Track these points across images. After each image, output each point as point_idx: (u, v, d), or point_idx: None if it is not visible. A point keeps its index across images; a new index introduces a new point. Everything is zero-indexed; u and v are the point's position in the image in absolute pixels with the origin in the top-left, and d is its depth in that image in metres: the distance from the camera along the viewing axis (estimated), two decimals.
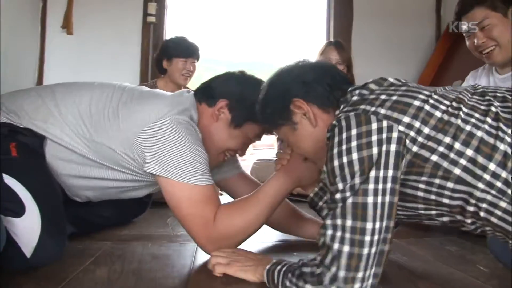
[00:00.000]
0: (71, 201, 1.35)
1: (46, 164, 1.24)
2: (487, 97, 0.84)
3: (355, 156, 0.80)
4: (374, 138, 0.79)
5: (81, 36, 3.13)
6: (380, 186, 0.78)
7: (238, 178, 1.48)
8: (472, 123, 0.79)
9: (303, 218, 1.40)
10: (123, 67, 3.18)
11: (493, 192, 0.76)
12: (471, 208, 0.79)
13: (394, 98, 0.84)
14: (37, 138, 1.23)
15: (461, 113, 0.81)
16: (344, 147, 0.81)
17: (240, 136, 1.29)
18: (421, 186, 0.83)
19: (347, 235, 0.78)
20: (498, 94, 0.84)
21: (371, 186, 0.78)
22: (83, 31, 3.13)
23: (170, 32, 3.32)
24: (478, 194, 0.77)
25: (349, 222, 0.78)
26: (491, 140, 0.77)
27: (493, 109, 0.81)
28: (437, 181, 0.80)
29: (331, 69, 1.06)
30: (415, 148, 0.80)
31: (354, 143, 0.80)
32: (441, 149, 0.79)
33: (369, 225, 0.77)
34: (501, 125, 0.78)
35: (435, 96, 0.84)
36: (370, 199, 0.78)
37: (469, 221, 0.82)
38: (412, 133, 0.80)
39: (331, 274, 0.78)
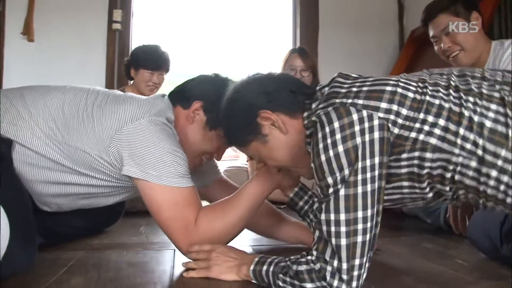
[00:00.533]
0: (39, 210, 1.28)
1: (13, 169, 1.18)
2: (445, 75, 0.89)
3: (340, 148, 0.81)
4: (357, 128, 0.81)
5: (43, 43, 3.02)
6: (369, 175, 0.80)
7: (218, 183, 1.45)
8: (439, 97, 0.83)
9: (285, 220, 1.38)
10: (88, 75, 3.09)
11: (464, 153, 0.80)
12: (448, 174, 0.83)
13: (365, 88, 0.86)
14: (4, 143, 1.16)
15: (428, 90, 0.85)
16: (329, 141, 0.82)
17: (215, 138, 1.26)
18: (403, 163, 0.85)
19: (343, 229, 0.80)
20: (455, 72, 0.89)
21: (359, 176, 0.80)
22: (45, 38, 3.02)
23: (136, 39, 3.26)
24: (454, 159, 0.81)
25: (342, 216, 0.80)
26: (457, 109, 0.81)
27: (452, 82, 0.86)
28: (416, 154, 0.83)
29: (288, 76, 1.07)
30: (396, 130, 0.83)
31: (338, 136, 0.81)
32: (417, 125, 0.82)
33: (361, 214, 0.80)
34: (462, 94, 0.83)
35: (403, 80, 0.87)
36: (360, 189, 0.80)
37: (447, 188, 0.85)
38: (392, 117, 0.82)
39: (332, 268, 0.80)
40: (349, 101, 0.84)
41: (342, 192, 0.80)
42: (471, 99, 0.82)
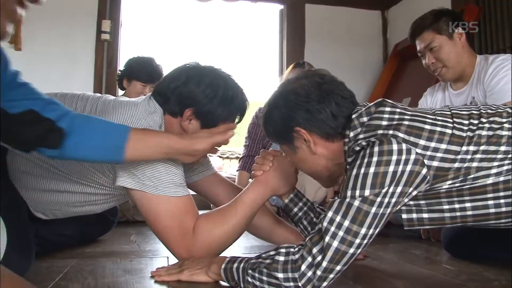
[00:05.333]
0: (33, 219, 1.28)
1: (8, 177, 1.18)
2: (462, 108, 0.98)
3: (372, 170, 0.86)
4: (394, 157, 0.86)
5: (31, 52, 3.00)
6: (386, 199, 0.86)
7: (212, 178, 1.45)
8: (478, 128, 0.91)
9: (281, 222, 1.40)
10: (76, 86, 3.08)
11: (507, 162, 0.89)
12: (490, 181, 0.89)
13: (406, 122, 0.91)
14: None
15: (463, 126, 0.92)
16: (365, 160, 0.88)
17: None
18: (444, 186, 0.91)
19: (340, 233, 0.84)
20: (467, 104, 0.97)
21: (378, 198, 0.85)
22: (33, 47, 3.01)
23: (124, 50, 3.28)
24: (495, 170, 0.89)
25: (346, 223, 0.84)
26: (490, 133, 0.90)
27: (474, 111, 0.95)
28: (461, 177, 0.90)
29: (336, 92, 1.02)
30: (435, 163, 0.89)
31: (375, 158, 0.87)
32: (459, 156, 0.89)
33: (364, 231, 0.84)
34: (483, 119, 0.92)
35: (440, 118, 0.93)
36: (373, 209, 0.85)
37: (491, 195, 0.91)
38: (429, 153, 0.88)
39: (312, 261, 0.84)
40: (390, 132, 0.89)
41: (356, 203, 0.85)
42: (497, 119, 0.92)
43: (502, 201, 0.90)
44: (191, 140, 1.09)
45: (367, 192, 0.85)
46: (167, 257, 1.31)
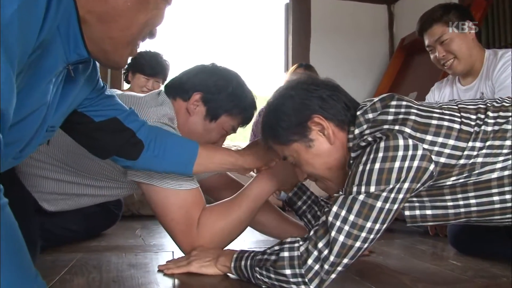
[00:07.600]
0: (38, 212, 1.29)
1: (14, 170, 1.19)
2: (469, 102, 0.96)
3: (377, 165, 0.84)
4: (400, 153, 0.84)
5: None
6: (393, 195, 0.84)
7: (220, 177, 1.46)
8: (485, 123, 0.89)
9: (285, 218, 1.40)
10: None
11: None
12: (495, 175, 0.88)
13: (412, 117, 0.88)
14: None
15: (471, 120, 0.90)
16: (371, 156, 0.86)
17: (216, 129, 1.25)
18: (448, 182, 0.90)
19: (346, 228, 0.83)
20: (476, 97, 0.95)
21: (384, 193, 0.83)
22: None
23: None
24: (500, 165, 0.87)
25: (351, 217, 0.83)
26: (496, 127, 0.89)
27: (481, 105, 0.93)
28: (465, 173, 0.88)
29: (341, 88, 1.04)
30: (442, 159, 0.87)
31: (380, 154, 0.85)
32: (465, 153, 0.87)
33: (369, 224, 0.83)
34: (489, 113, 0.91)
35: (447, 112, 0.91)
36: (379, 204, 0.83)
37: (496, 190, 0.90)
38: (436, 148, 0.86)
39: (319, 254, 0.84)
40: (396, 127, 0.87)
41: (361, 197, 0.84)
42: (502, 114, 0.90)
43: (507, 196, 0.88)
44: (252, 157, 1.16)
45: (372, 188, 0.83)
46: (172, 251, 1.31)
